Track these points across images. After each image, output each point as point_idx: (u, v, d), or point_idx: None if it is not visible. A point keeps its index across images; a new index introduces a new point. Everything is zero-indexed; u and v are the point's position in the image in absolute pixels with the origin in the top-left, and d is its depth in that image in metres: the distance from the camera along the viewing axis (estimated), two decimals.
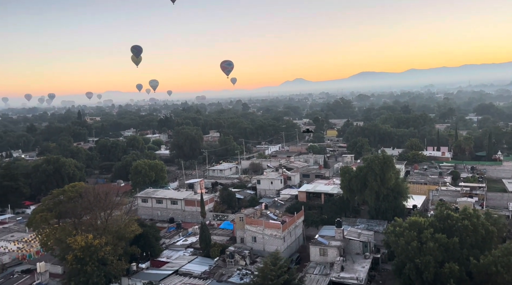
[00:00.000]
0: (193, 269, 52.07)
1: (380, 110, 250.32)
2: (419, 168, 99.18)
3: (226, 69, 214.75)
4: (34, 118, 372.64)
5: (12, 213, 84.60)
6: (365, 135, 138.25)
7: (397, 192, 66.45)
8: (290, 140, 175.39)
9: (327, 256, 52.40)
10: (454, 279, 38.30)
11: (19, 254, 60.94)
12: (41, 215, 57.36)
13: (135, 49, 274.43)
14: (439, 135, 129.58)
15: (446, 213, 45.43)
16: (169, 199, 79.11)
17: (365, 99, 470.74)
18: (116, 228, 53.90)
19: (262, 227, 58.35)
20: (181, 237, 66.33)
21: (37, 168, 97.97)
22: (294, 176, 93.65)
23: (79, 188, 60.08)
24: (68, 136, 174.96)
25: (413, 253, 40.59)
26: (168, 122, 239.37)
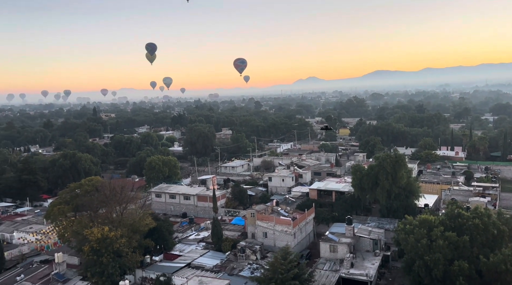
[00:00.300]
0: (205, 263, 53.24)
1: (394, 109, 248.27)
2: (432, 168, 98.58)
3: (239, 67, 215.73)
4: (51, 114, 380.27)
5: (30, 205, 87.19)
6: (378, 134, 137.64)
7: (408, 191, 66.47)
8: (302, 138, 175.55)
9: (337, 252, 52.95)
10: (463, 277, 38.50)
11: (37, 245, 63.10)
12: (58, 207, 59.32)
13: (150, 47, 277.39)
14: (453, 135, 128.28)
15: (457, 211, 45.51)
16: (182, 194, 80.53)
17: (379, 98, 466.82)
18: (131, 221, 55.37)
19: (273, 223, 59.17)
20: (193, 231, 67.65)
21: (54, 162, 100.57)
22: (305, 174, 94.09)
23: (96, 182, 61.83)
24: (84, 132, 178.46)
25: (422, 250, 40.88)
26: (181, 119, 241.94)
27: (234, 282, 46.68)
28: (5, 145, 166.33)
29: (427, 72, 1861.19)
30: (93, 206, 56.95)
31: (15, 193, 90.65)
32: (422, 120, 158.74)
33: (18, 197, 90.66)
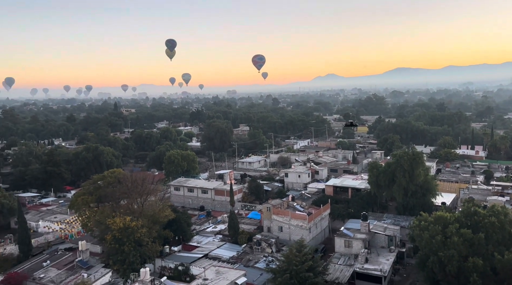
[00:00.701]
0: (222, 254, 54.69)
1: (414, 107, 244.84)
2: (450, 166, 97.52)
3: (257, 63, 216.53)
4: (73, 109, 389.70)
5: (54, 196, 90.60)
6: (397, 132, 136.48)
7: (425, 189, 66.35)
8: (319, 135, 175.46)
9: (352, 247, 53.52)
10: (477, 273, 38.61)
11: (61, 233, 65.87)
12: (82, 198, 61.77)
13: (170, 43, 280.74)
14: (474, 134, 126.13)
15: (473, 209, 45.44)
16: (200, 188, 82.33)
17: (399, 96, 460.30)
18: (151, 212, 57.23)
19: (288, 217, 60.15)
20: (210, 224, 69.28)
21: (77, 155, 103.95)
22: (321, 170, 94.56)
23: (118, 174, 64.04)
24: (105, 126, 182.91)
25: (437, 246, 41.12)
26: (200, 115, 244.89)
27: (249, 273, 47.91)
28: (30, 137, 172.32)
29: (450, 70, 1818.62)
30: (115, 197, 59.04)
31: (40, 184, 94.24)
32: (443, 119, 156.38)
33: (43, 188, 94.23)
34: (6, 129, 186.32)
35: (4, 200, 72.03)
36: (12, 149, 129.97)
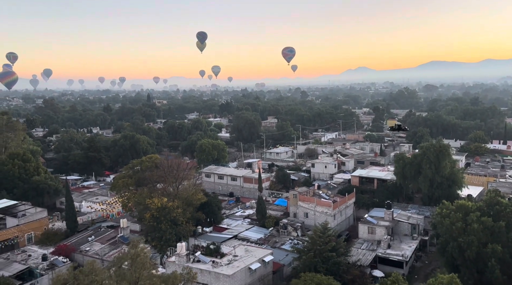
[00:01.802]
0: (250, 236, 58.20)
1: (447, 101, 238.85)
2: (480, 160, 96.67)
3: (287, 56, 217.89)
4: (108, 100, 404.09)
5: (94, 180, 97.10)
6: (427, 126, 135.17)
7: (452, 181, 67.02)
8: (347, 128, 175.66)
9: (375, 234, 55.67)
10: (495, 259, 40.09)
11: (103, 213, 71.45)
12: (122, 180, 67.00)
13: (200, 36, 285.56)
14: (507, 128, 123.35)
15: (496, 199, 46.53)
16: (230, 176, 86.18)
17: (432, 90, 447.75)
18: (185, 195, 61.35)
19: (314, 204, 62.83)
20: (239, 209, 73.00)
21: (116, 142, 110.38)
22: (348, 162, 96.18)
23: (155, 159, 68.85)
24: (140, 116, 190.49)
25: (457, 233, 42.73)
26: (229, 107, 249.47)
27: (276, 254, 51.11)
28: (69, 126, 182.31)
29: (488, 64, 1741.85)
30: (152, 180, 63.64)
31: (82, 169, 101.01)
32: (475, 113, 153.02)
33: (84, 172, 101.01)
34: (48, 118, 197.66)
35: (51, 181, 78.47)
36: (55, 136, 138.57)
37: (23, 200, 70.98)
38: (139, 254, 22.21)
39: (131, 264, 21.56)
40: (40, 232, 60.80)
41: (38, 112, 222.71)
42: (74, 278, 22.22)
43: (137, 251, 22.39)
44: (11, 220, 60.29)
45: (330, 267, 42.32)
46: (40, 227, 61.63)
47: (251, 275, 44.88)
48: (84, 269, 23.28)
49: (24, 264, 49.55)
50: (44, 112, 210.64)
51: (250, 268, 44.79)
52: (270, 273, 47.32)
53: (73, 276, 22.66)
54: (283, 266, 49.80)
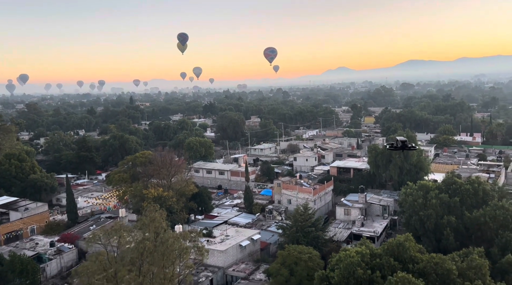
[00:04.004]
0: (239, 221, 64.07)
1: (421, 98, 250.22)
2: (448, 151, 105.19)
3: (269, 56, 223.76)
4: (89, 103, 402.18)
5: (87, 179, 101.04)
6: (401, 121, 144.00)
7: (419, 168, 74.56)
8: (327, 126, 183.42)
9: (350, 215, 62.38)
10: (450, 228, 47.05)
11: (100, 206, 76.04)
12: (118, 175, 72.01)
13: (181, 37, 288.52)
14: (473, 122, 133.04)
15: (453, 179, 53.75)
16: (217, 170, 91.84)
17: (409, 88, 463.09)
18: (178, 186, 66.91)
19: (296, 191, 69.20)
20: (228, 199, 78.75)
21: (105, 142, 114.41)
22: (327, 155, 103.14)
23: (148, 155, 73.97)
24: (126, 118, 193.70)
25: (418, 208, 49.60)
26: (212, 108, 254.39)
27: (263, 234, 57.16)
28: (55, 129, 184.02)
29: (463, 62, 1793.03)
30: (147, 174, 68.80)
31: (74, 168, 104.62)
32: (446, 109, 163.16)
33: (76, 172, 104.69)
34: (32, 122, 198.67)
35: (47, 180, 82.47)
36: (43, 139, 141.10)
37: (21, 197, 74.85)
38: (156, 217, 27.57)
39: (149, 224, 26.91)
40: (42, 224, 65.11)
41: (22, 117, 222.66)
42: (109, 233, 27.49)
43: (155, 214, 27.72)
44: (14, 214, 64.41)
45: (311, 240, 48.60)
46: (41, 220, 65.90)
47: (242, 251, 50.78)
48: (113, 228, 28.59)
49: (33, 250, 54.02)
50: (28, 117, 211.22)
51: (241, 245, 50.72)
52: (258, 250, 53.35)
53: (107, 233, 27.96)
54: (270, 244, 55.87)
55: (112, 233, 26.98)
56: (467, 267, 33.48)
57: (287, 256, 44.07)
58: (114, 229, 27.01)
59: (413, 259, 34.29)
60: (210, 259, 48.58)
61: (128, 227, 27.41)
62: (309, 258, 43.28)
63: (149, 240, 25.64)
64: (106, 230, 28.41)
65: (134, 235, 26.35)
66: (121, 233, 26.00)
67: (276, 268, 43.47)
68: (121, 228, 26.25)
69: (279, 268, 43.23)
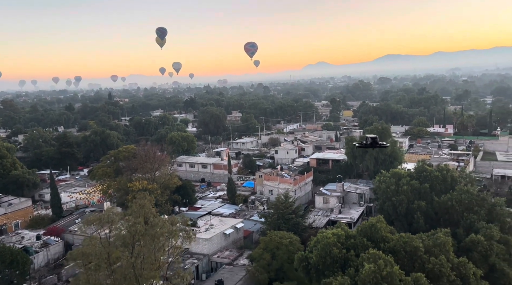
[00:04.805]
0: (223, 211, 66.15)
1: (398, 92, 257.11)
2: (422, 142, 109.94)
3: (249, 51, 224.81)
4: (66, 100, 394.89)
5: (69, 174, 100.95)
6: (378, 114, 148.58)
7: (393, 158, 78.20)
8: (307, 120, 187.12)
9: (329, 203, 65.41)
10: (420, 212, 50.51)
11: (85, 201, 76.73)
12: (102, 169, 72.78)
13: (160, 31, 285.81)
14: (446, 114, 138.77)
15: (423, 167, 57.33)
16: (200, 164, 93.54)
17: (386, 82, 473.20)
18: (162, 180, 68.32)
19: (277, 182, 71.75)
20: (211, 192, 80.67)
21: (86, 138, 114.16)
22: (307, 147, 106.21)
23: (131, 149, 74.97)
24: (106, 113, 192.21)
25: (391, 194, 52.93)
26: (193, 103, 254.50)
27: (246, 223, 59.44)
28: (32, 126, 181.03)
29: (438, 56, 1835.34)
30: (131, 167, 69.86)
31: (55, 164, 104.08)
32: (420, 102, 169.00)
33: (57, 168, 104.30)
34: (9, 119, 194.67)
35: (29, 175, 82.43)
36: (24, 135, 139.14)
37: (3, 194, 74.82)
38: (145, 203, 29.35)
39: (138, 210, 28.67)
40: (26, 219, 65.60)
41: None
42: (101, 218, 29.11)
43: (145, 201, 29.49)
44: None
45: (291, 227, 51.24)
46: (25, 215, 66.36)
47: (226, 239, 52.99)
48: (103, 213, 30.22)
49: (20, 244, 54.74)
50: (4, 114, 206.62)
51: (225, 233, 52.90)
52: (241, 238, 55.65)
53: (98, 217, 29.57)
54: (253, 233, 58.26)
55: (104, 218, 28.68)
56: (432, 245, 36.67)
57: (269, 242, 46.54)
58: (106, 214, 28.68)
59: (384, 239, 37.25)
60: (196, 247, 50.61)
61: (120, 213, 29.06)
62: (290, 242, 45.87)
63: (140, 224, 27.45)
64: (99, 216, 30.04)
65: (126, 219, 28.10)
66: (113, 217, 27.73)
67: (258, 253, 45.88)
68: (113, 213, 27.93)
69: (261, 253, 45.66)
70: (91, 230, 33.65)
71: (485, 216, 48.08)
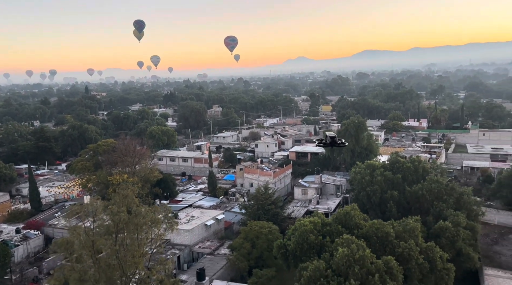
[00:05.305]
0: (204, 204, 67.23)
1: (375, 87, 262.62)
2: (397, 136, 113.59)
3: (229, 45, 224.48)
4: (41, 94, 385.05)
5: (47, 169, 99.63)
6: (355, 108, 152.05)
7: (369, 150, 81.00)
8: (287, 114, 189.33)
9: (307, 194, 67.41)
10: (393, 201, 52.94)
11: (64, 195, 76.26)
12: (81, 163, 72.55)
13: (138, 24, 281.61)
14: (420, 108, 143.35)
15: (396, 159, 59.85)
16: (181, 157, 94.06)
17: (364, 78, 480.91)
18: (143, 173, 68.70)
19: (257, 175, 73.23)
20: (192, 185, 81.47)
21: (64, 133, 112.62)
22: (287, 141, 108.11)
23: (111, 143, 74.89)
24: (83, 108, 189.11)
25: (365, 184, 55.19)
26: (173, 97, 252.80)
27: (227, 215, 60.76)
28: (7, 120, 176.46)
29: (415, 52, 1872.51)
30: (111, 161, 69.90)
31: (32, 158, 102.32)
32: (396, 97, 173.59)
33: (34, 162, 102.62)
34: None
35: (6, 170, 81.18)
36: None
37: None
38: (128, 193, 30.14)
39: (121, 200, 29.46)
40: (4, 213, 64.91)
41: None
42: (86, 207, 29.75)
43: (127, 191, 30.27)
44: None
45: (271, 217, 52.87)
46: (3, 209, 65.63)
47: (207, 230, 54.16)
48: (87, 203, 30.81)
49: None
50: None
51: (206, 224, 54.07)
52: (222, 229, 56.95)
53: (83, 207, 30.18)
54: (233, 224, 59.62)
55: (88, 207, 29.37)
56: (402, 230, 38.91)
57: (249, 231, 48.05)
58: (90, 204, 29.35)
59: (358, 226, 39.26)
60: (177, 238, 51.62)
61: (103, 202, 29.76)
62: (269, 231, 47.50)
63: (123, 213, 28.29)
64: (83, 206, 30.70)
65: (110, 209, 28.85)
66: (97, 207, 28.45)
67: (239, 243, 47.32)
68: (97, 203, 28.64)
69: (242, 242, 47.12)
70: (74, 222, 34.29)
71: (453, 204, 50.85)
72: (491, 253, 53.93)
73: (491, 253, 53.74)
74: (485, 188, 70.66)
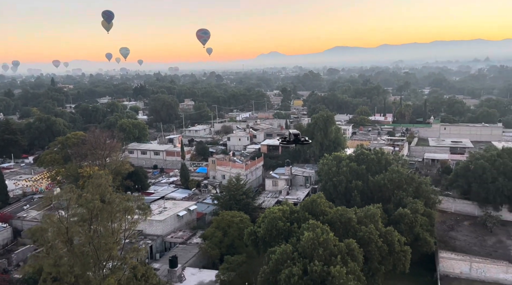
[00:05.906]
0: (176, 195, 68.11)
1: (344, 83, 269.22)
2: (363, 130, 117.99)
3: (202, 38, 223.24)
4: (4, 85, 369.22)
5: (13, 162, 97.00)
6: (325, 103, 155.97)
7: (337, 143, 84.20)
8: (259, 108, 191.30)
9: (278, 186, 69.62)
10: (357, 191, 55.94)
11: (32, 188, 74.94)
12: (50, 156, 71.55)
13: (106, 15, 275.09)
14: (386, 104, 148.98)
15: (361, 151, 62.96)
16: (153, 150, 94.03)
17: (335, 73, 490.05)
18: (114, 166, 68.64)
19: (229, 167, 74.71)
20: (164, 178, 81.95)
21: (30, 125, 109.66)
22: (259, 135, 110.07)
23: (80, 135, 74.16)
24: (50, 100, 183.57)
25: (332, 174, 57.94)
26: (143, 90, 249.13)
27: (199, 206, 62.02)
28: None
29: (384, 49, 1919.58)
30: (81, 153, 69.36)
31: None
32: (364, 92, 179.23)
33: (0, 155, 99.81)
34: None
35: None
36: None
37: None
38: (101, 182, 30.88)
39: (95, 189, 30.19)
40: None
41: None
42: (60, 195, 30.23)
43: (101, 180, 30.97)
44: None
45: (242, 207, 54.61)
46: None
47: (179, 220, 55.27)
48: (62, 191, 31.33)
49: None
50: None
51: (178, 215, 55.14)
52: (194, 219, 58.19)
53: (57, 195, 30.63)
54: (205, 214, 60.97)
55: (62, 194, 29.92)
56: (364, 216, 41.64)
57: (220, 221, 49.59)
58: (64, 191, 29.89)
59: (323, 212, 41.66)
60: (149, 229, 52.48)
61: (77, 191, 30.33)
62: (240, 220, 49.23)
63: (97, 200, 29.09)
64: (58, 193, 31.21)
65: (84, 197, 29.55)
66: (71, 195, 29.07)
67: (211, 232, 48.81)
68: (71, 190, 29.24)
69: (213, 231, 48.63)
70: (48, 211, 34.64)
71: (412, 193, 54.34)
72: (447, 238, 58.00)
73: (446, 238, 57.79)
74: (443, 178, 75.22)
